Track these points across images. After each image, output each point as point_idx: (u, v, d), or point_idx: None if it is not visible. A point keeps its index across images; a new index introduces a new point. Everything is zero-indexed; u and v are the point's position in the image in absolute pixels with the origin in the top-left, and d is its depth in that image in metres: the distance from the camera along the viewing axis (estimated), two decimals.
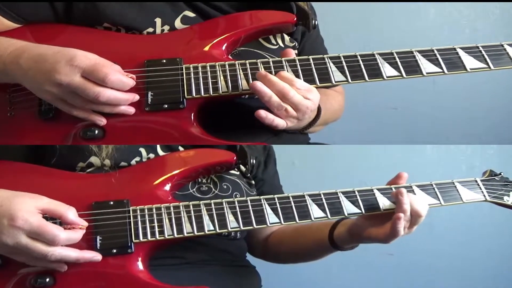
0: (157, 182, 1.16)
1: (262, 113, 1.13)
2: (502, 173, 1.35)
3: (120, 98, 1.09)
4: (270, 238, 1.46)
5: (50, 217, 1.02)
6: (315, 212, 1.17)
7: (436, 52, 1.18)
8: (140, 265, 1.08)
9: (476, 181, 1.30)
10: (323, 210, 1.17)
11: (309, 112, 1.16)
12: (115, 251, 1.07)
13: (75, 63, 1.05)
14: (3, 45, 1.12)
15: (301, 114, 1.15)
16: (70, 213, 1.03)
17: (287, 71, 1.16)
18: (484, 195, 1.28)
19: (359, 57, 1.17)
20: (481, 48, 1.19)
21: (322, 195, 1.19)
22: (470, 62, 1.18)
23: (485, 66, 1.19)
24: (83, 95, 1.07)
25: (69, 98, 1.08)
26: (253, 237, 1.46)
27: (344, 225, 1.25)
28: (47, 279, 1.04)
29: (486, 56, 1.19)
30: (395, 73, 1.17)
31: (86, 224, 1.05)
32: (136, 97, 1.12)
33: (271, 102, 1.12)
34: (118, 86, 1.08)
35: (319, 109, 1.25)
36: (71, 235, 1.01)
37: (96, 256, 1.05)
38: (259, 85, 1.12)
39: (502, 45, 1.21)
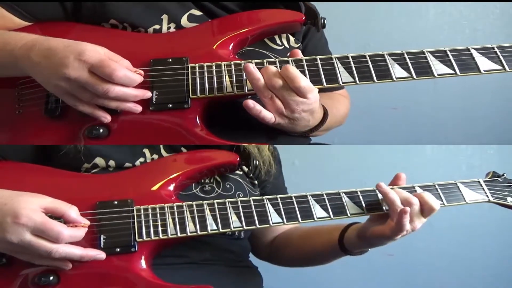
0: (161, 182, 1.16)
1: (250, 103, 1.12)
2: (505, 174, 1.35)
3: (128, 94, 1.09)
4: (275, 241, 1.46)
5: (53, 216, 1.02)
6: (318, 212, 1.17)
7: (449, 53, 1.16)
8: (143, 264, 1.08)
9: (479, 181, 1.30)
10: (326, 210, 1.17)
11: (301, 112, 1.14)
12: (118, 250, 1.07)
13: (83, 57, 1.05)
14: (14, 38, 1.12)
15: (289, 111, 1.13)
16: (72, 211, 1.03)
17: None
18: (487, 196, 1.28)
19: (368, 57, 1.15)
20: (496, 49, 1.16)
21: (324, 195, 1.19)
22: (484, 63, 1.15)
23: (500, 68, 1.15)
24: (92, 90, 1.07)
25: (77, 92, 1.08)
26: (258, 239, 1.46)
27: (354, 229, 1.25)
28: (51, 278, 1.04)
29: (501, 57, 1.15)
30: (405, 74, 1.14)
31: (88, 222, 1.05)
32: (147, 94, 1.12)
33: (258, 85, 1.12)
34: (125, 83, 1.08)
35: (325, 114, 1.24)
36: (75, 233, 1.02)
37: (100, 254, 1.05)
38: (251, 66, 1.12)
39: None
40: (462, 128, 2.37)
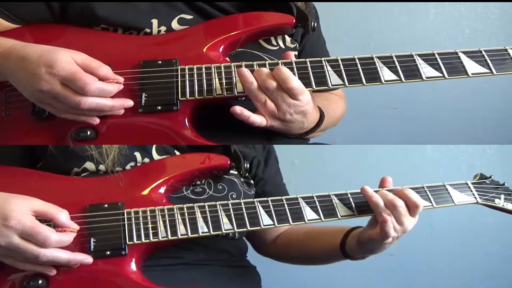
0: (151, 186, 1.16)
1: (237, 109, 1.12)
2: (492, 176, 1.35)
3: (103, 105, 1.08)
4: (278, 240, 1.45)
5: (43, 219, 1.02)
6: (309, 214, 1.17)
7: (437, 56, 1.15)
8: (133, 267, 1.08)
9: (467, 183, 1.30)
10: (316, 212, 1.18)
11: (293, 114, 1.14)
12: (108, 253, 1.07)
13: (53, 70, 1.04)
14: None
15: (281, 113, 1.13)
16: (62, 215, 1.03)
17: None
18: (475, 198, 1.28)
19: (357, 60, 1.15)
20: (484, 53, 1.15)
21: (315, 198, 1.19)
22: (472, 67, 1.14)
23: (488, 71, 1.15)
24: (64, 102, 1.06)
25: (52, 103, 1.08)
26: (261, 238, 1.46)
27: (355, 234, 1.25)
28: (40, 282, 1.03)
29: (489, 61, 1.15)
30: (394, 77, 1.13)
31: (77, 227, 1.05)
32: (128, 103, 1.11)
33: (252, 88, 1.11)
34: (99, 95, 1.07)
35: (322, 116, 1.24)
36: (62, 237, 1.01)
37: (87, 259, 1.04)
38: (245, 70, 1.12)
39: (506, 50, 1.16)
40: (462, 128, 2.36)
